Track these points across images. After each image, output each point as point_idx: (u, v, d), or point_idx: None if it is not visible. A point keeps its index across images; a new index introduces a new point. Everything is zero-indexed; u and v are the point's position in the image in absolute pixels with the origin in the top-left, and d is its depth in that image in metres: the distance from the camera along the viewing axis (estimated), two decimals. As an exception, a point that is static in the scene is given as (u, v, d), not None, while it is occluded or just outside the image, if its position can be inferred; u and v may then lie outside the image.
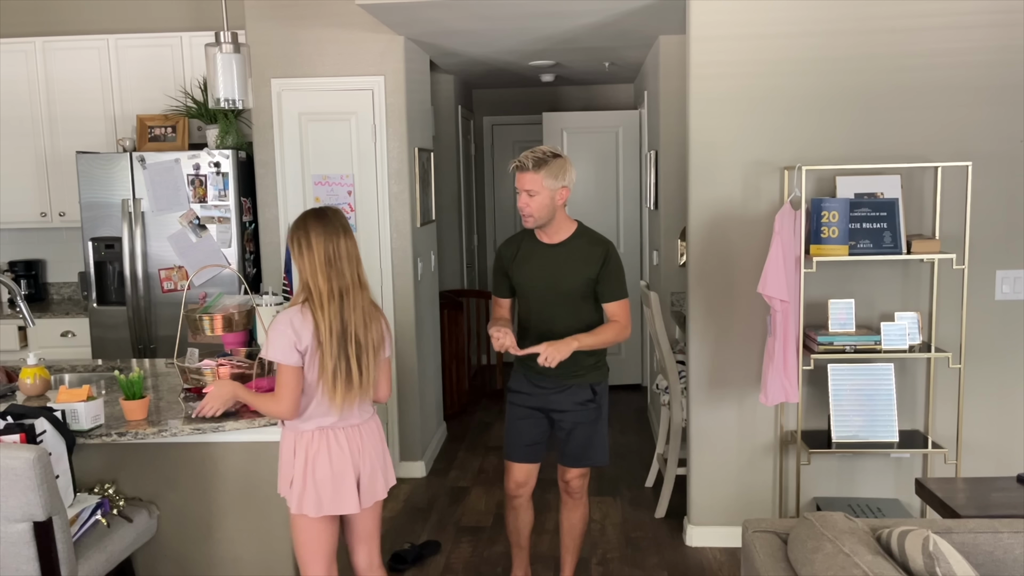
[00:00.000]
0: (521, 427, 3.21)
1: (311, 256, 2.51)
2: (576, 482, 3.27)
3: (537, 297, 3.14)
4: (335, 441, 2.59)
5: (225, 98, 3.15)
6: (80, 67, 5.02)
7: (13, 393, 3.15)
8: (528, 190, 3.01)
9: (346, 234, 2.55)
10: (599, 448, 3.24)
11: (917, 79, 3.67)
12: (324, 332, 2.49)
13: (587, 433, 3.20)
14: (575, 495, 3.30)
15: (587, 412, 3.19)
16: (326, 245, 2.51)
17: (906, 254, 3.52)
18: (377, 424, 2.72)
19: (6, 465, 2.23)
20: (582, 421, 3.19)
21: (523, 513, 3.32)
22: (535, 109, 7.42)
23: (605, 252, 3.10)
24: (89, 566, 2.48)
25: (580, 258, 3.10)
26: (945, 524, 2.20)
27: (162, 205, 4.63)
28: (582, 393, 3.18)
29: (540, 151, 3.04)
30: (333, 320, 2.50)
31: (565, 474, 3.27)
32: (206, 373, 2.94)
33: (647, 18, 4.52)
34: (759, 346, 3.80)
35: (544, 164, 3.00)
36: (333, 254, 2.52)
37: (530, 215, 3.05)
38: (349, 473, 2.59)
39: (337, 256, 2.52)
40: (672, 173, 5.14)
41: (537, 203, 3.02)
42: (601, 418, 3.24)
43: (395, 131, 4.73)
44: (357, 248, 2.58)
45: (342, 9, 4.59)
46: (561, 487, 3.32)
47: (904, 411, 3.79)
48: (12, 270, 5.42)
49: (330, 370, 2.50)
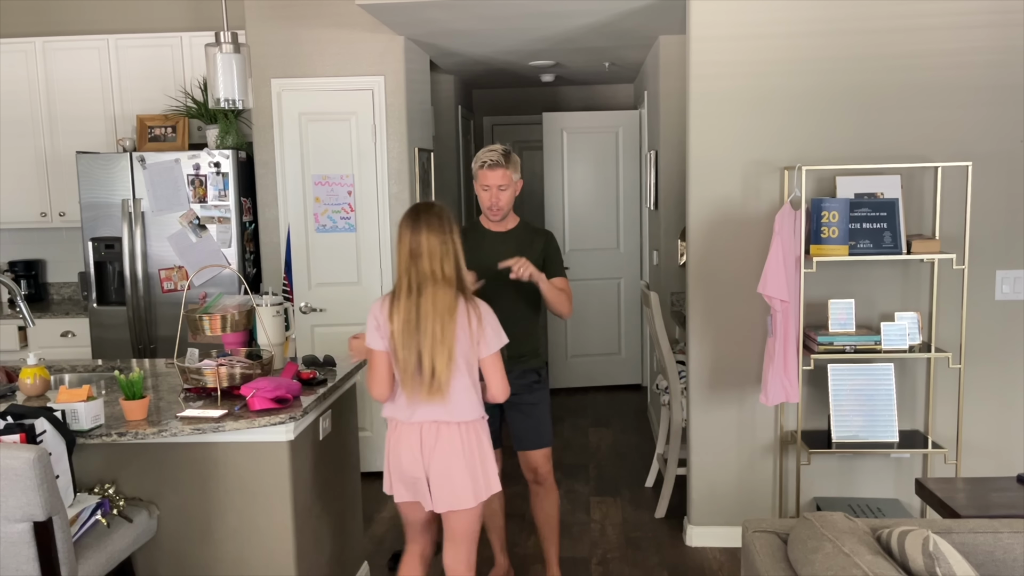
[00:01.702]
0: None
1: (400, 249, 2.66)
2: (544, 467, 3.38)
3: (488, 278, 3.25)
4: (404, 435, 2.69)
5: (225, 98, 3.15)
6: (80, 67, 5.02)
7: (13, 393, 3.15)
8: (500, 185, 3.23)
9: (429, 229, 2.61)
10: (548, 428, 3.41)
11: (917, 79, 3.67)
12: (397, 324, 2.60)
13: (537, 414, 3.36)
14: (544, 482, 3.40)
15: (535, 394, 3.35)
16: (411, 240, 2.62)
17: (906, 254, 3.52)
18: (467, 429, 2.68)
19: (6, 465, 2.23)
20: (533, 402, 3.35)
21: (494, 498, 3.39)
22: (535, 109, 7.42)
23: (547, 237, 3.38)
24: (89, 566, 2.48)
25: (525, 245, 3.32)
26: (945, 524, 2.20)
27: (162, 205, 4.63)
28: (529, 376, 3.34)
29: (499, 149, 3.26)
30: (408, 312, 2.60)
31: (531, 461, 3.37)
32: (206, 373, 2.94)
33: (647, 18, 4.53)
34: (759, 346, 3.80)
35: (509, 159, 3.25)
36: (415, 249, 2.62)
37: (500, 208, 3.27)
38: (415, 469, 2.68)
39: (419, 251, 2.61)
40: (672, 173, 5.14)
41: (507, 196, 3.26)
42: (545, 399, 3.41)
43: (395, 131, 4.73)
44: (446, 244, 2.62)
45: (342, 9, 4.59)
46: (529, 478, 3.42)
47: (904, 411, 3.79)
48: (12, 270, 5.42)
49: (400, 361, 2.61)
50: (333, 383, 3.13)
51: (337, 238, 4.80)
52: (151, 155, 4.63)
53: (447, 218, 2.66)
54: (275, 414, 2.73)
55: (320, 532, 3.08)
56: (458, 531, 2.77)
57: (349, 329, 4.78)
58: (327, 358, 3.39)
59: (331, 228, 4.79)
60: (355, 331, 4.77)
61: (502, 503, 3.52)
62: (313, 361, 3.32)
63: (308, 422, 2.96)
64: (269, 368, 3.05)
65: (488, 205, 3.26)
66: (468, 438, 2.68)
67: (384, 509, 4.51)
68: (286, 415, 2.73)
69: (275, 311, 3.25)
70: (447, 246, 2.63)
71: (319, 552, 3.07)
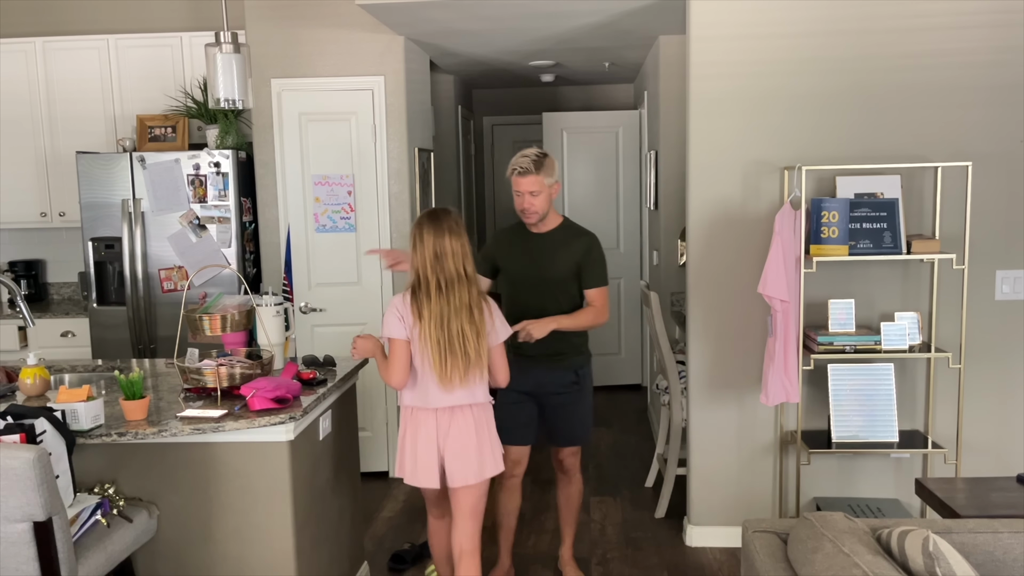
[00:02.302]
0: (513, 410, 3.41)
1: (422, 251, 2.86)
2: (570, 460, 3.56)
3: (524, 281, 3.41)
4: (421, 421, 2.93)
5: (225, 98, 3.15)
6: (80, 67, 5.02)
7: (13, 393, 3.15)
8: (531, 191, 3.29)
9: (451, 233, 2.86)
10: (583, 428, 3.53)
11: (917, 79, 3.67)
12: (429, 318, 2.83)
13: (572, 414, 3.48)
14: (569, 472, 3.59)
15: (571, 395, 3.45)
16: (435, 243, 2.84)
17: (906, 254, 3.52)
18: (478, 412, 2.96)
19: (6, 465, 2.23)
20: (568, 403, 3.46)
21: (515, 494, 3.55)
22: (535, 109, 7.42)
23: (589, 242, 3.40)
24: (89, 566, 2.48)
25: (566, 246, 3.38)
26: (945, 524, 2.20)
27: (162, 205, 4.63)
28: (567, 376, 3.43)
29: (532, 153, 3.32)
30: (440, 308, 2.82)
31: (559, 454, 3.56)
32: (206, 373, 2.94)
33: (647, 18, 4.53)
34: (759, 346, 3.80)
35: (541, 165, 3.29)
36: (439, 251, 2.85)
37: (534, 212, 3.33)
38: (430, 452, 2.92)
39: (444, 253, 2.85)
40: (672, 173, 5.14)
41: (540, 201, 3.31)
42: (584, 400, 3.50)
43: (395, 131, 4.73)
44: (464, 247, 2.88)
45: (342, 9, 4.59)
46: (556, 466, 3.61)
47: (904, 411, 3.79)
48: (12, 270, 5.42)
49: (432, 351, 2.83)
50: (333, 383, 3.13)
51: (337, 238, 4.80)
52: (151, 155, 4.63)
53: (462, 224, 2.93)
54: (275, 414, 2.74)
55: (320, 532, 3.08)
56: (466, 507, 3.01)
57: (349, 329, 4.79)
58: (327, 358, 3.39)
59: (331, 228, 4.79)
60: (356, 331, 4.80)
61: (518, 504, 3.59)
62: (313, 361, 3.32)
63: (308, 422, 2.96)
64: (269, 368, 3.05)
65: (521, 209, 3.35)
66: (479, 419, 2.96)
67: (384, 509, 4.51)
68: (286, 415, 2.74)
69: (275, 311, 3.25)
70: (466, 248, 2.90)
71: (319, 552, 3.07)
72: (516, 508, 3.59)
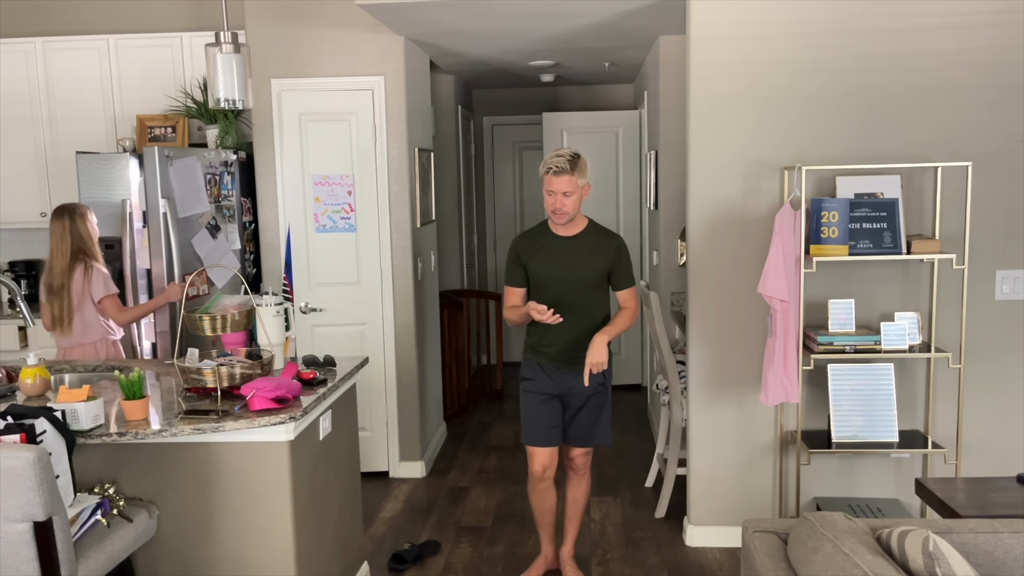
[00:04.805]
0: (540, 412, 3.44)
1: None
2: (580, 460, 3.57)
3: (554, 285, 3.39)
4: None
5: (225, 98, 3.15)
6: (80, 67, 5.02)
7: (13, 393, 3.15)
8: (565, 191, 3.29)
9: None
10: (603, 429, 3.51)
11: (917, 79, 3.67)
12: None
13: (594, 416, 3.47)
14: (579, 472, 3.61)
15: (597, 396, 3.45)
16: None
17: (906, 254, 3.52)
18: None
19: (6, 465, 2.23)
20: (594, 405, 3.46)
21: (549, 494, 3.58)
22: (535, 109, 7.42)
23: (618, 244, 3.44)
24: (89, 566, 2.48)
25: (595, 249, 3.40)
26: (945, 524, 2.20)
27: (186, 206, 4.54)
28: (595, 379, 3.38)
29: (567, 153, 3.32)
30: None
31: (571, 453, 3.56)
32: (206, 373, 2.94)
33: (647, 18, 4.52)
34: (759, 346, 3.80)
35: (576, 165, 3.31)
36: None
37: (565, 213, 3.33)
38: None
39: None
40: (672, 173, 5.14)
41: (572, 202, 3.32)
42: (607, 402, 3.50)
43: (395, 131, 4.73)
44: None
45: (342, 9, 4.59)
46: (567, 464, 3.61)
47: (904, 411, 3.79)
48: (12, 270, 5.41)
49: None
50: (333, 383, 3.13)
51: (337, 238, 4.80)
52: (176, 151, 4.39)
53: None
54: (275, 414, 2.74)
55: (320, 532, 3.08)
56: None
57: (349, 329, 4.80)
58: (327, 358, 3.39)
59: (331, 228, 4.79)
60: (356, 331, 4.81)
61: (554, 502, 3.61)
62: (313, 361, 3.32)
63: (308, 422, 2.96)
64: (269, 368, 3.05)
65: (552, 209, 3.34)
66: None
67: (384, 509, 4.51)
68: (286, 415, 2.74)
69: (275, 311, 3.25)
70: None
71: (319, 552, 3.07)
72: (554, 504, 3.61)
